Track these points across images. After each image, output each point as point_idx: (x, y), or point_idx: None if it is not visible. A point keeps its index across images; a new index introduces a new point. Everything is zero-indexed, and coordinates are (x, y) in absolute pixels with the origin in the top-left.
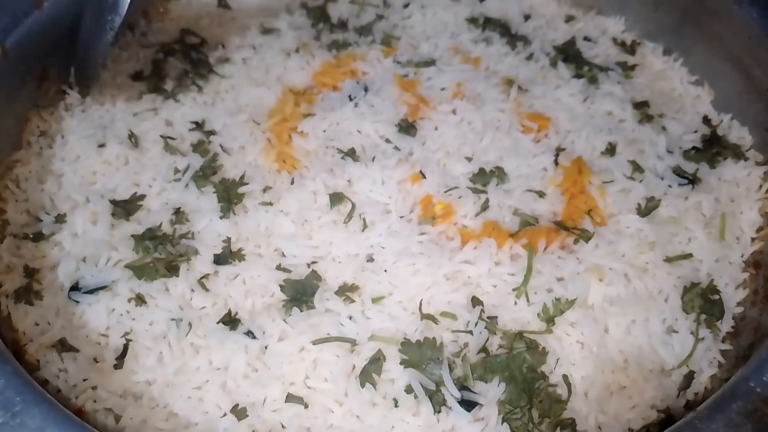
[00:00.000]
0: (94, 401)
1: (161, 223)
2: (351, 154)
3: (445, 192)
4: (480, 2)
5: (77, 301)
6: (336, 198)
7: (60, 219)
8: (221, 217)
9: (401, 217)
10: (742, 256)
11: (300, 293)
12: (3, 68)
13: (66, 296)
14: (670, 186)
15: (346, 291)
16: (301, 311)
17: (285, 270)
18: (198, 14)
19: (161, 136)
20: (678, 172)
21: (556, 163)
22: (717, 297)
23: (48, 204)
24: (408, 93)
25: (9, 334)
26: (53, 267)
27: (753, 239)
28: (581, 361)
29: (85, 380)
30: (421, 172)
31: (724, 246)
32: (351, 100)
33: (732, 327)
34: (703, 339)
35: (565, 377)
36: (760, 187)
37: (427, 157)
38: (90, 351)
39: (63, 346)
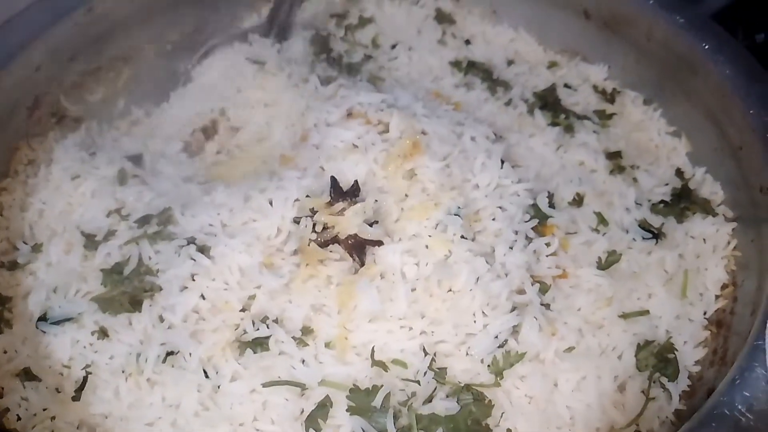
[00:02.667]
0: (52, 431)
1: (129, 257)
2: None
3: None
4: (466, 45)
5: (44, 331)
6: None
7: (36, 248)
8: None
9: None
10: (704, 314)
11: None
12: None
13: (34, 326)
14: (634, 239)
15: (301, 334)
16: (255, 353)
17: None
18: None
19: (135, 176)
20: (643, 225)
21: None
22: (672, 356)
23: (27, 233)
24: None
25: None
26: (25, 295)
27: (717, 297)
28: (528, 415)
29: (44, 410)
30: None
31: (685, 303)
32: None
33: (688, 386)
34: (654, 398)
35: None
36: (728, 243)
37: None
38: (52, 381)
39: (27, 375)
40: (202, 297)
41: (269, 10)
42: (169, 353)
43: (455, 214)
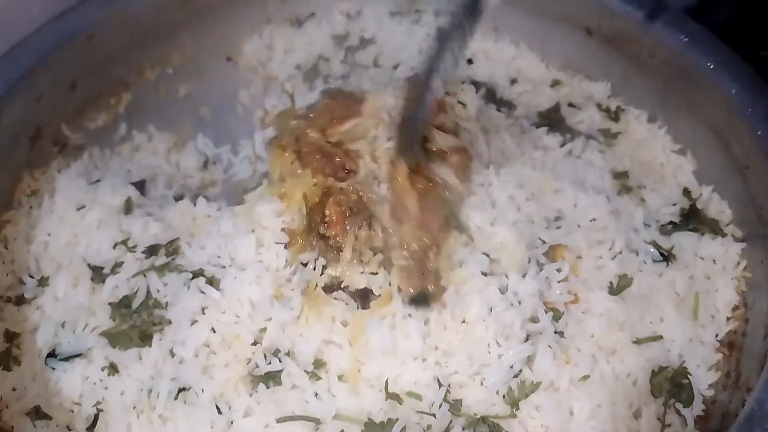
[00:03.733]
0: None
1: (137, 290)
2: None
3: None
4: (468, 65)
5: (53, 368)
6: None
7: (43, 282)
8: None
9: None
10: (716, 336)
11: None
12: None
13: (43, 362)
14: (644, 262)
15: (313, 367)
16: (268, 387)
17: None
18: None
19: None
20: (653, 247)
21: None
22: (686, 381)
23: (33, 266)
24: None
25: None
26: (33, 331)
27: (728, 318)
28: None
29: None
30: None
31: (697, 326)
32: None
33: (702, 410)
34: (670, 425)
35: None
36: (738, 264)
37: None
38: (63, 419)
39: (37, 413)
40: (213, 330)
41: None
42: (181, 389)
43: (483, 253)
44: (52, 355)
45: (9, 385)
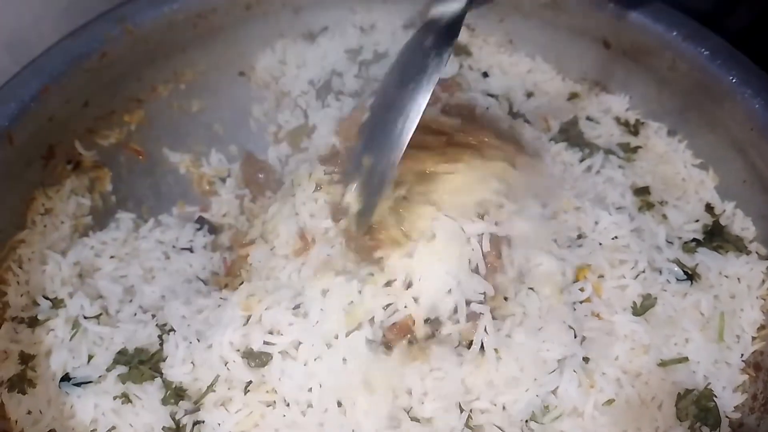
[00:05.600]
0: None
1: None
2: None
3: None
4: (484, 78)
5: (67, 392)
6: None
7: (57, 304)
8: None
9: None
10: (741, 356)
11: None
12: (9, 153)
13: (57, 386)
14: (668, 281)
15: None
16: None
17: None
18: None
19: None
20: (677, 266)
21: None
22: (712, 404)
23: (48, 287)
24: None
25: (1, 424)
26: (47, 353)
27: (753, 338)
28: None
29: None
30: None
31: (723, 347)
32: None
33: None
34: None
35: None
36: (763, 282)
37: None
38: None
39: None
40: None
41: None
42: (197, 422)
43: (530, 288)
44: (66, 378)
45: (24, 409)
